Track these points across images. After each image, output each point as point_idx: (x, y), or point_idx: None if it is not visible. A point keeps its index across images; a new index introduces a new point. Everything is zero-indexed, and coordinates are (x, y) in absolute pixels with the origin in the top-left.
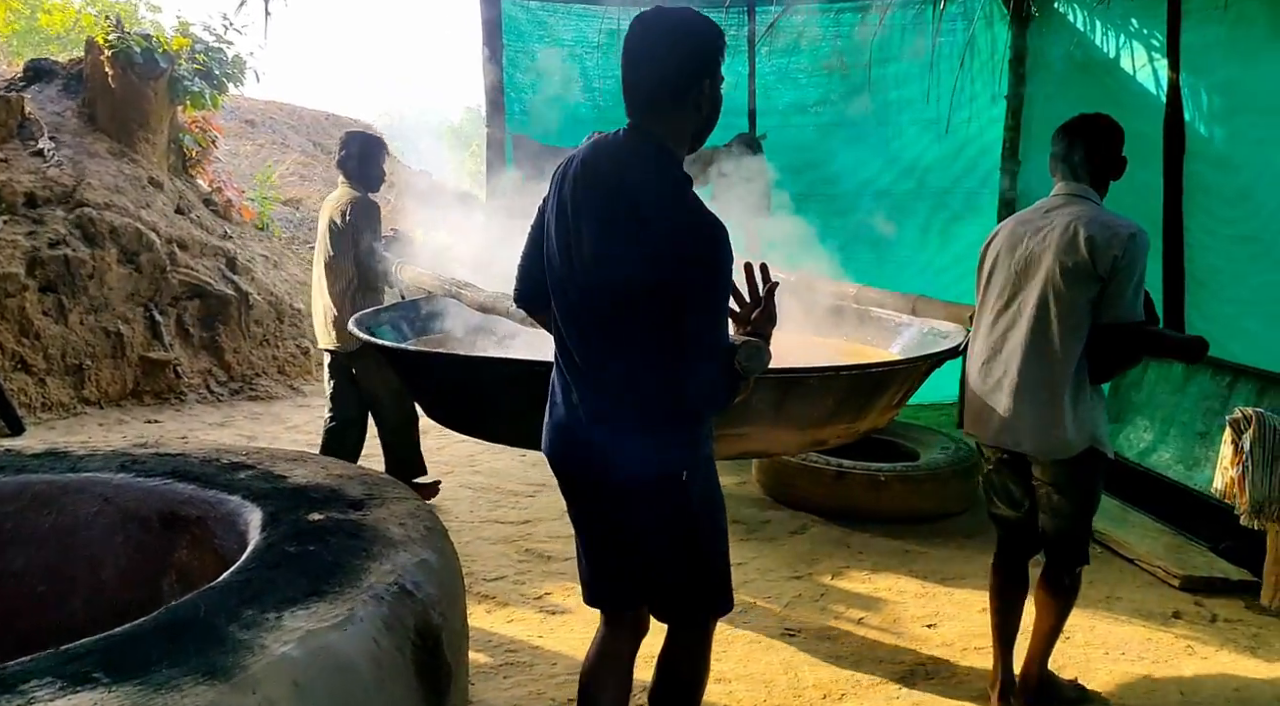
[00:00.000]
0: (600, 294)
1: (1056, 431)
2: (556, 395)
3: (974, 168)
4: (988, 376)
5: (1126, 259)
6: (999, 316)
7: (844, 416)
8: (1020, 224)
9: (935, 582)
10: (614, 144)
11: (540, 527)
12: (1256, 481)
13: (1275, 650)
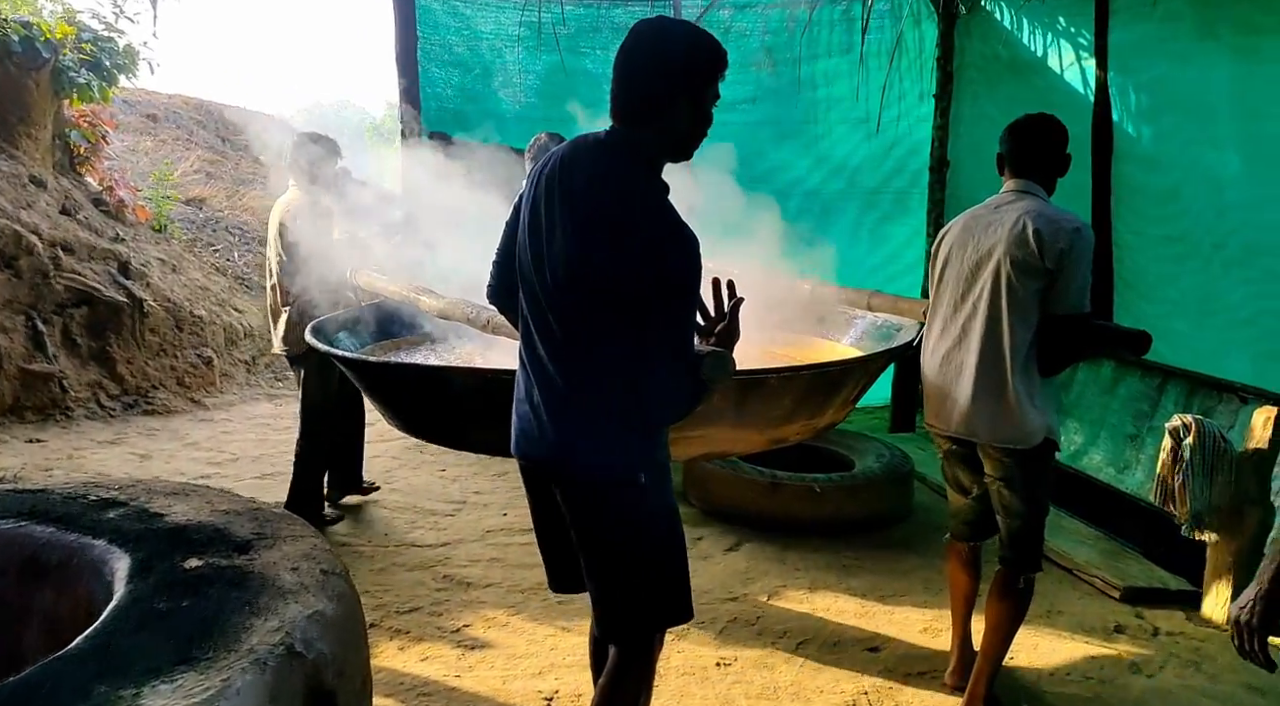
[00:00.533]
0: (569, 295)
1: (1011, 421)
2: (520, 392)
3: (903, 167)
4: (944, 369)
5: (1073, 253)
6: (954, 310)
7: (803, 414)
8: (972, 219)
9: (875, 600)
10: (595, 146)
11: (460, 550)
12: (1196, 491)
13: (1220, 665)
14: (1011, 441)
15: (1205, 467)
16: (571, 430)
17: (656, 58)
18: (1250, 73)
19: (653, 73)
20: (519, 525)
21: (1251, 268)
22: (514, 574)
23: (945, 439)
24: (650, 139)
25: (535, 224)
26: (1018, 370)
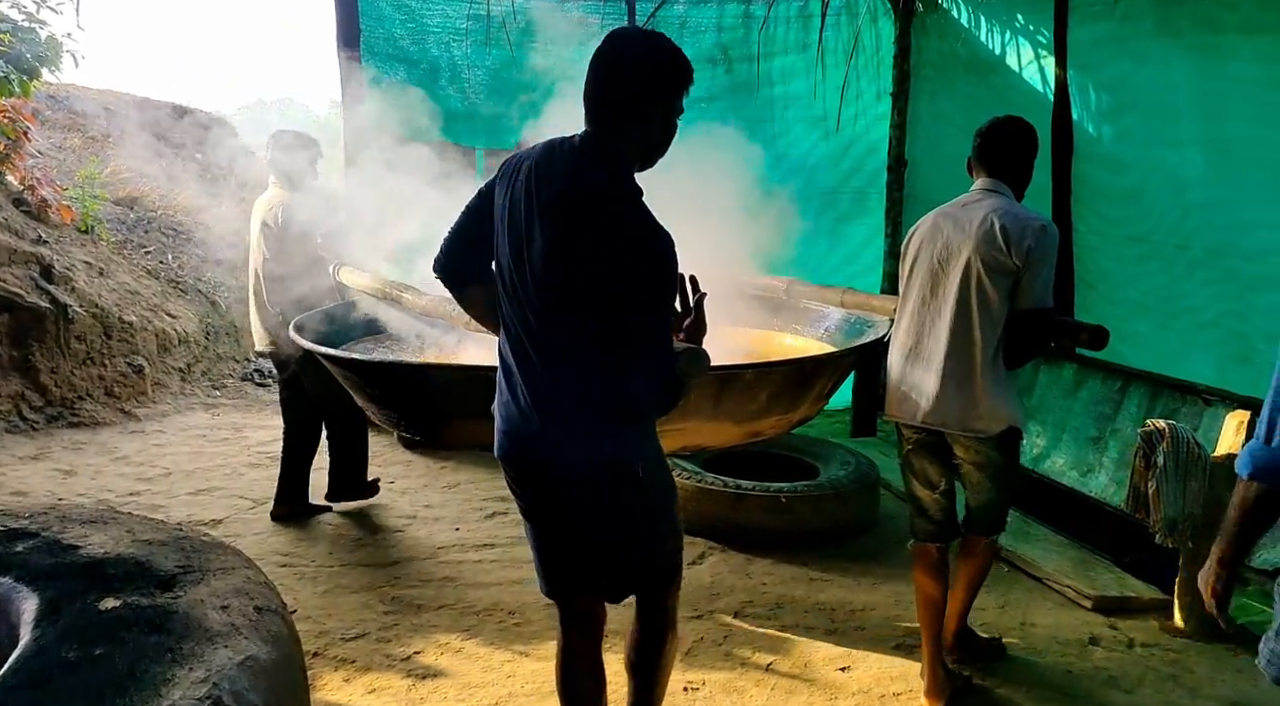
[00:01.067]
0: (552, 296)
1: (978, 411)
2: (504, 394)
3: (861, 167)
4: (913, 361)
5: (1039, 250)
6: (923, 304)
7: (779, 408)
8: (941, 216)
9: (844, 615)
10: (569, 150)
11: (411, 569)
12: (1170, 498)
13: (1197, 676)
14: (978, 431)
15: (1179, 473)
16: (563, 428)
17: (638, 67)
18: (1212, 71)
19: (633, 82)
20: (472, 541)
21: (1214, 269)
22: (468, 594)
23: (912, 430)
24: (624, 144)
25: (514, 226)
26: (984, 362)
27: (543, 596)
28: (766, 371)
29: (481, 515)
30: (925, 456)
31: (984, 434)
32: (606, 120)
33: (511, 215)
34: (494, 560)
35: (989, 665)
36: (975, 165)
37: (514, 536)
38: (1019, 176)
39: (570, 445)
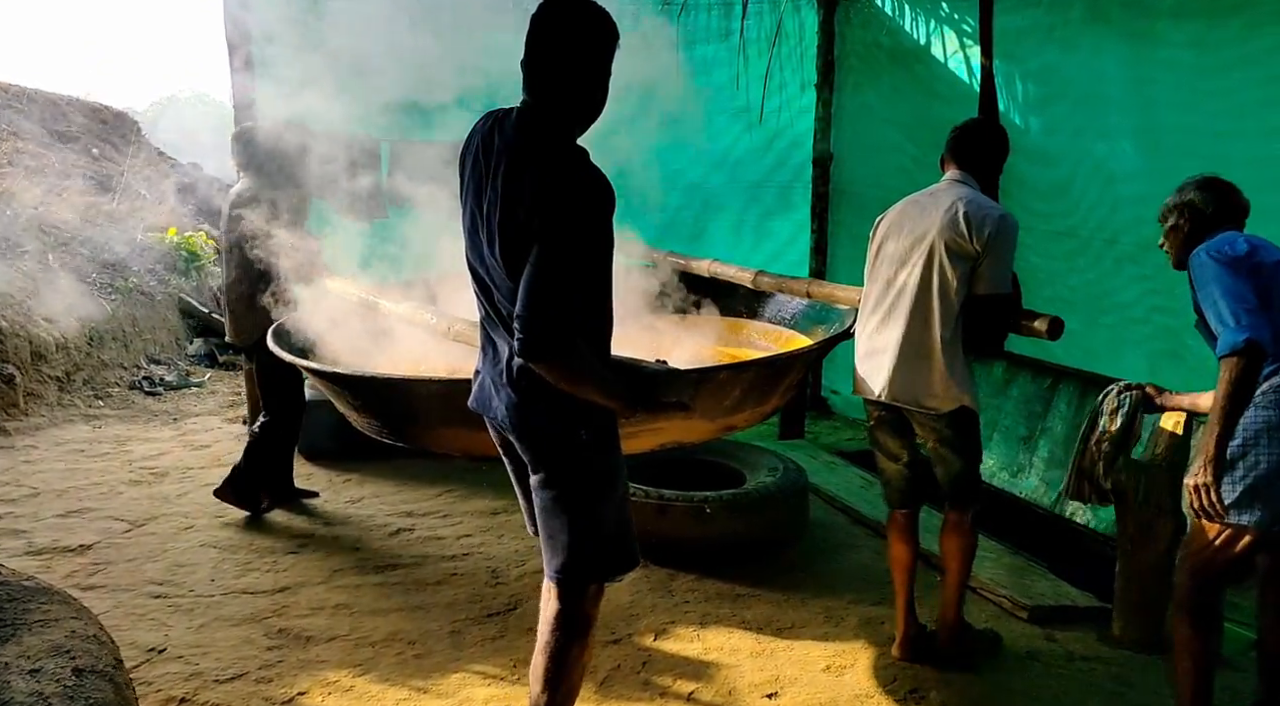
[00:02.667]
0: (503, 255)
1: (932, 389)
2: (478, 358)
3: (786, 160)
4: (875, 340)
5: (999, 236)
6: (887, 286)
7: (751, 402)
8: (909, 204)
9: (771, 635)
10: (509, 119)
11: (301, 596)
12: (1119, 439)
13: (1140, 690)
14: (931, 408)
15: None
16: (516, 385)
17: (568, 34)
18: (1143, 58)
19: (564, 48)
20: (373, 562)
21: (1145, 264)
22: (364, 623)
23: (875, 406)
24: (563, 110)
25: (472, 200)
26: (941, 343)
27: (449, 623)
28: (740, 370)
29: (385, 533)
30: (887, 431)
31: (936, 412)
32: (542, 87)
33: (470, 191)
34: (396, 583)
35: (945, 674)
36: (947, 159)
37: (419, 555)
38: (987, 172)
39: (517, 402)
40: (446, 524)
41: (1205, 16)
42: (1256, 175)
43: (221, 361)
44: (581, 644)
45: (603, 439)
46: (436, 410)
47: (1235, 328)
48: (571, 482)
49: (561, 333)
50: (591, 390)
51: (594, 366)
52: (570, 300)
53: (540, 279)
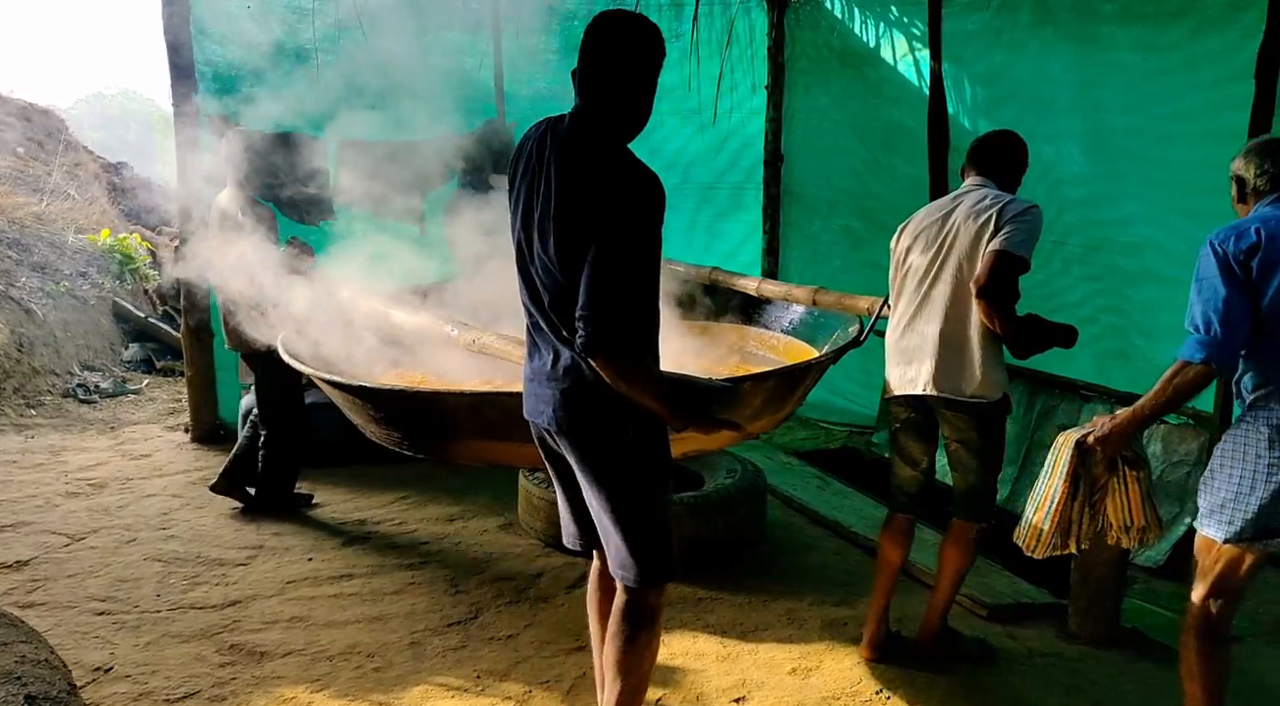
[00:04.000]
0: (559, 253)
1: (973, 376)
2: (530, 359)
3: (738, 161)
4: (909, 336)
5: (1026, 215)
6: (919, 284)
7: (769, 411)
8: (932, 207)
9: (736, 638)
10: (563, 124)
11: (254, 609)
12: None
13: (1099, 685)
14: (975, 395)
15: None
16: (563, 387)
17: (626, 47)
18: (1090, 62)
19: (622, 60)
20: (327, 572)
21: (1092, 265)
22: (320, 636)
23: (905, 408)
24: (613, 117)
25: (522, 206)
26: (979, 334)
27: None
28: (761, 380)
29: (340, 541)
30: (912, 435)
31: (982, 399)
32: (596, 94)
33: (518, 198)
34: (352, 593)
35: (909, 674)
36: (967, 168)
37: (375, 564)
38: (1006, 180)
39: (565, 404)
40: (402, 531)
41: (1150, 21)
42: (1201, 178)
43: (159, 367)
44: (650, 633)
45: (649, 438)
46: (467, 422)
47: (1199, 341)
48: (622, 484)
49: (625, 328)
50: (648, 392)
51: (652, 367)
52: (631, 297)
53: (602, 275)
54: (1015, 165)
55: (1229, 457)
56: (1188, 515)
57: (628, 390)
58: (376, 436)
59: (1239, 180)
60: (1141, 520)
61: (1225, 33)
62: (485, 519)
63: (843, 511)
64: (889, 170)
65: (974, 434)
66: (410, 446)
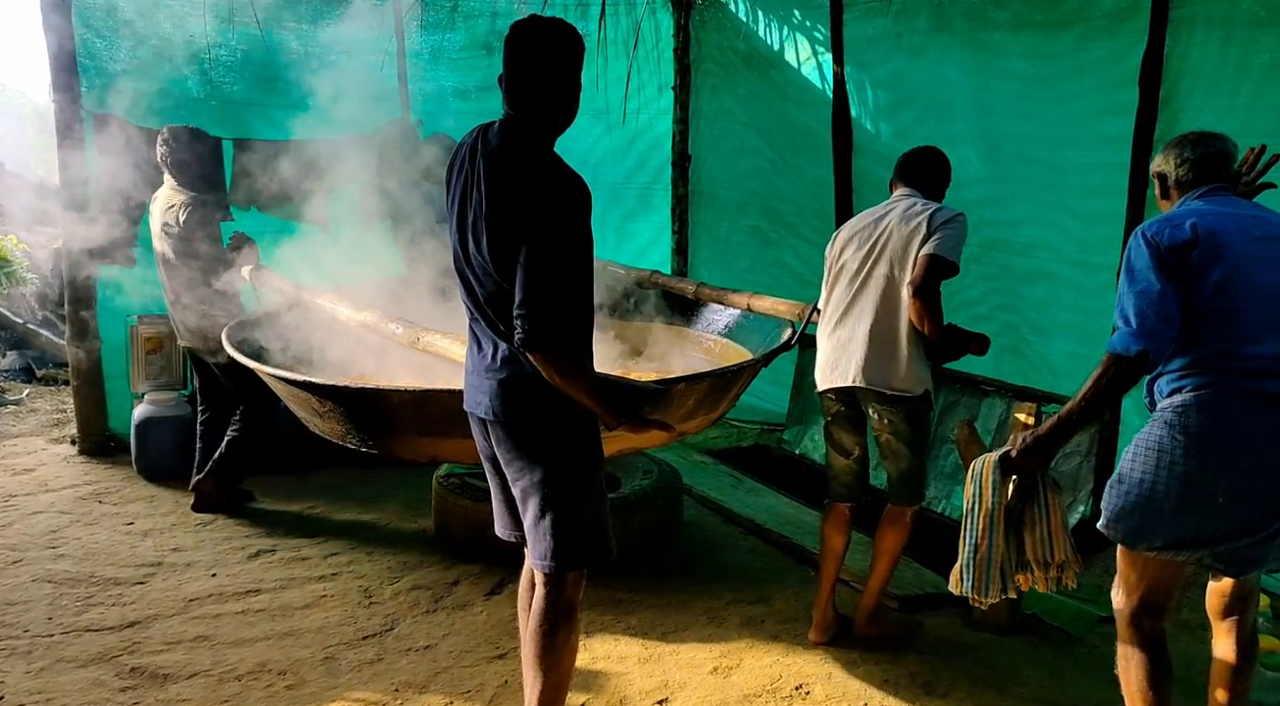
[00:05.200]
0: (491, 254)
1: (902, 373)
2: (469, 352)
3: (646, 162)
4: (840, 331)
5: (952, 222)
6: (850, 283)
7: (702, 411)
8: (865, 214)
9: (657, 640)
10: (492, 130)
11: (154, 630)
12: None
13: (1003, 672)
14: (900, 389)
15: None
16: (500, 378)
17: (548, 52)
18: (984, 67)
19: (545, 65)
20: (233, 588)
21: (989, 264)
22: (227, 655)
23: (835, 401)
24: (540, 121)
25: (459, 209)
26: (906, 332)
27: (321, 649)
28: (696, 381)
29: (245, 555)
30: (843, 426)
31: (907, 393)
32: (522, 99)
33: (455, 201)
34: (260, 609)
35: (827, 668)
36: (895, 181)
37: (284, 578)
38: (931, 190)
39: (500, 394)
40: (311, 542)
41: (1040, 29)
42: (1090, 181)
43: (40, 376)
44: (569, 628)
45: (583, 431)
46: (410, 418)
47: (1133, 332)
48: (550, 471)
49: (562, 324)
50: (583, 388)
51: (587, 364)
52: (565, 295)
53: (535, 274)
54: (939, 177)
55: (1140, 462)
56: (1081, 504)
57: (563, 384)
58: (320, 430)
59: (1160, 176)
60: (1061, 555)
61: (1111, 41)
62: (399, 526)
63: (756, 509)
64: (795, 171)
65: (904, 425)
66: (354, 441)
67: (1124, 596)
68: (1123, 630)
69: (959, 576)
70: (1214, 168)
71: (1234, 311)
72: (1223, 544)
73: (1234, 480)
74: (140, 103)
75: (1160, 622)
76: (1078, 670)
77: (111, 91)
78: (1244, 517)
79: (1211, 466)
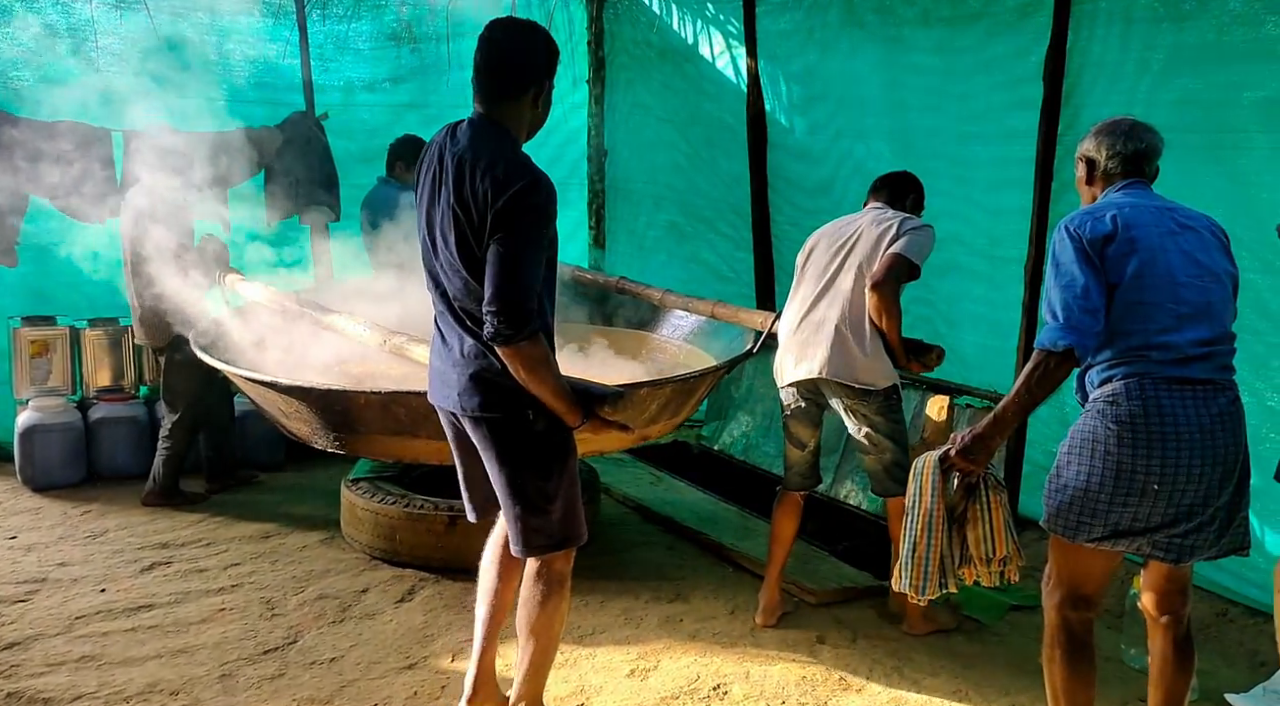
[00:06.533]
0: (459, 250)
1: (866, 367)
2: (435, 344)
3: (561, 156)
4: (805, 327)
5: (923, 230)
6: (817, 282)
7: (665, 415)
8: (839, 220)
9: (573, 643)
10: (465, 129)
11: (36, 651)
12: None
13: (918, 667)
14: (865, 383)
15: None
16: (471, 372)
17: (517, 54)
18: (894, 62)
19: (518, 66)
20: (123, 604)
21: None
22: (115, 675)
23: (795, 396)
24: (513, 120)
25: (428, 206)
26: (871, 327)
27: (218, 666)
28: (659, 386)
29: (136, 569)
30: (800, 420)
31: (872, 386)
32: (493, 100)
33: (425, 198)
34: (152, 626)
35: (744, 667)
36: (869, 197)
37: (179, 591)
38: (902, 204)
39: (471, 388)
40: (210, 553)
41: (947, 24)
42: (996, 175)
43: None
44: (560, 596)
45: (551, 421)
46: (377, 419)
47: (1060, 326)
48: (521, 463)
49: (531, 319)
50: (549, 384)
51: (554, 361)
52: (532, 289)
53: (506, 270)
54: (911, 193)
55: (1076, 454)
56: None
57: (529, 379)
58: (287, 431)
59: (1089, 161)
60: (1004, 550)
61: (1016, 36)
62: (305, 534)
63: (675, 506)
64: (711, 165)
65: (878, 418)
66: (321, 442)
67: (1054, 588)
68: (1051, 621)
69: (899, 573)
70: (1140, 164)
71: (1151, 302)
72: (1160, 531)
73: (1166, 467)
74: (24, 93)
75: (1088, 614)
76: (988, 659)
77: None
78: (1179, 504)
79: (1143, 454)
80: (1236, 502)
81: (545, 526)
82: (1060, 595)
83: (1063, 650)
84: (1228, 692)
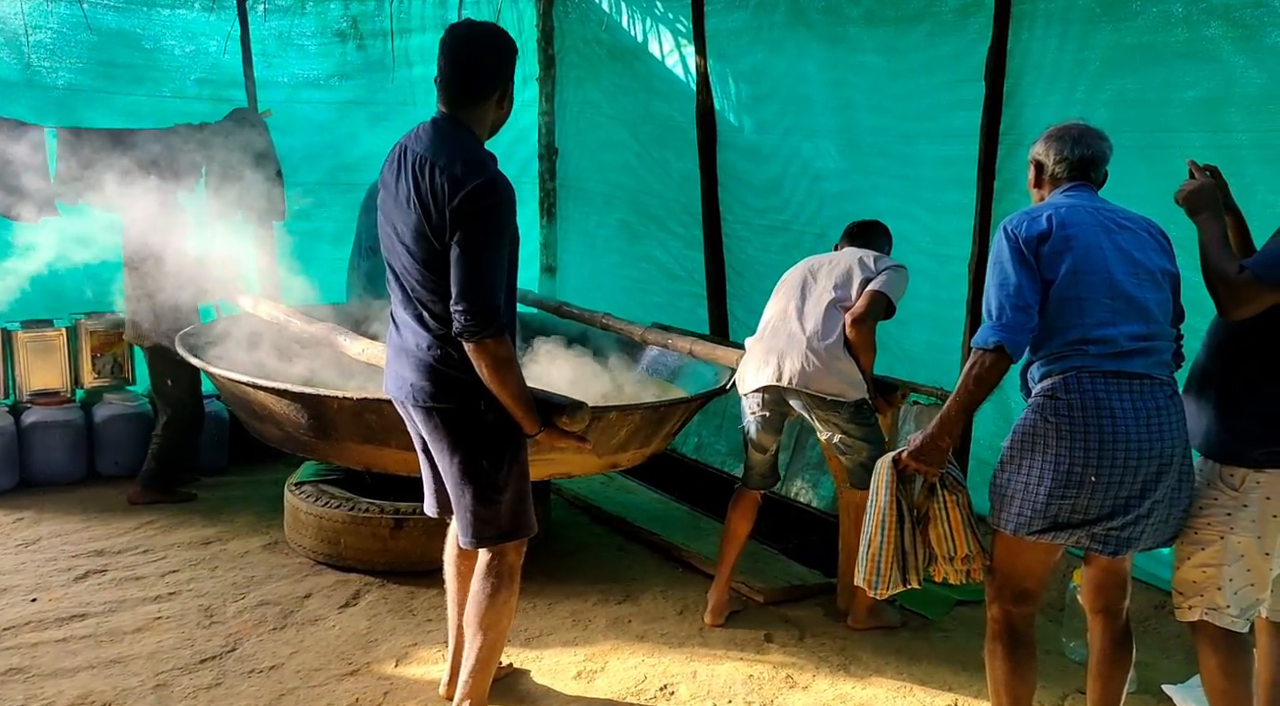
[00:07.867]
0: (419, 248)
1: (837, 380)
2: (390, 335)
3: (512, 155)
4: (777, 337)
5: (900, 270)
6: (790, 295)
7: (635, 444)
8: (815, 256)
9: (521, 645)
10: (429, 128)
11: None
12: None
13: (864, 664)
14: (835, 393)
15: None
16: (425, 365)
17: (486, 50)
18: (840, 62)
19: (480, 68)
20: (55, 613)
21: None
22: (44, 687)
23: (759, 403)
24: (476, 120)
25: (393, 204)
26: (841, 343)
27: (152, 676)
28: (629, 412)
29: (70, 577)
30: (763, 427)
31: (841, 398)
32: (459, 102)
33: (391, 196)
34: (85, 636)
35: (691, 667)
36: (842, 242)
37: (113, 600)
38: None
39: (425, 380)
40: (147, 560)
41: (891, 25)
42: (940, 174)
43: None
44: (510, 590)
45: (502, 413)
46: (349, 425)
47: (993, 324)
48: (471, 453)
49: (498, 316)
50: (509, 387)
51: (517, 365)
52: (496, 287)
53: (468, 269)
54: (885, 240)
55: (1018, 450)
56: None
57: (492, 377)
58: (258, 434)
59: (1038, 165)
60: (965, 548)
61: (958, 37)
62: (247, 539)
63: (625, 507)
64: (661, 165)
65: (850, 425)
66: (291, 446)
67: (996, 583)
68: (992, 615)
69: (856, 568)
70: (1086, 170)
71: (1087, 298)
72: (1098, 524)
73: (1103, 459)
74: None
75: (1029, 609)
76: (933, 655)
77: None
78: (1116, 496)
79: (1080, 446)
80: (1175, 496)
81: (494, 517)
82: (1001, 588)
83: (1004, 644)
84: (1165, 684)
